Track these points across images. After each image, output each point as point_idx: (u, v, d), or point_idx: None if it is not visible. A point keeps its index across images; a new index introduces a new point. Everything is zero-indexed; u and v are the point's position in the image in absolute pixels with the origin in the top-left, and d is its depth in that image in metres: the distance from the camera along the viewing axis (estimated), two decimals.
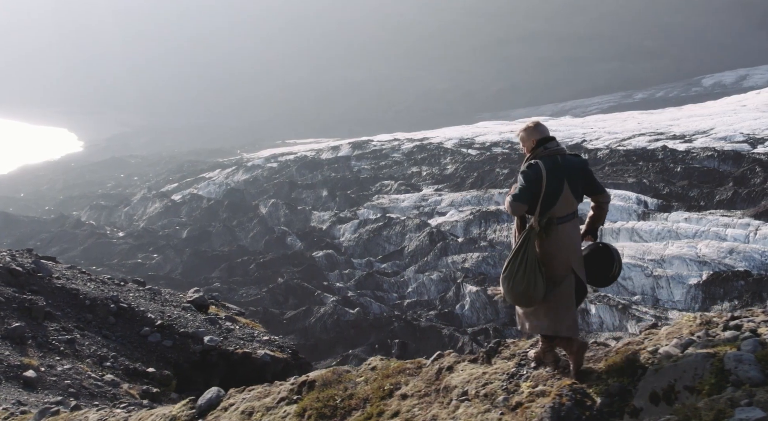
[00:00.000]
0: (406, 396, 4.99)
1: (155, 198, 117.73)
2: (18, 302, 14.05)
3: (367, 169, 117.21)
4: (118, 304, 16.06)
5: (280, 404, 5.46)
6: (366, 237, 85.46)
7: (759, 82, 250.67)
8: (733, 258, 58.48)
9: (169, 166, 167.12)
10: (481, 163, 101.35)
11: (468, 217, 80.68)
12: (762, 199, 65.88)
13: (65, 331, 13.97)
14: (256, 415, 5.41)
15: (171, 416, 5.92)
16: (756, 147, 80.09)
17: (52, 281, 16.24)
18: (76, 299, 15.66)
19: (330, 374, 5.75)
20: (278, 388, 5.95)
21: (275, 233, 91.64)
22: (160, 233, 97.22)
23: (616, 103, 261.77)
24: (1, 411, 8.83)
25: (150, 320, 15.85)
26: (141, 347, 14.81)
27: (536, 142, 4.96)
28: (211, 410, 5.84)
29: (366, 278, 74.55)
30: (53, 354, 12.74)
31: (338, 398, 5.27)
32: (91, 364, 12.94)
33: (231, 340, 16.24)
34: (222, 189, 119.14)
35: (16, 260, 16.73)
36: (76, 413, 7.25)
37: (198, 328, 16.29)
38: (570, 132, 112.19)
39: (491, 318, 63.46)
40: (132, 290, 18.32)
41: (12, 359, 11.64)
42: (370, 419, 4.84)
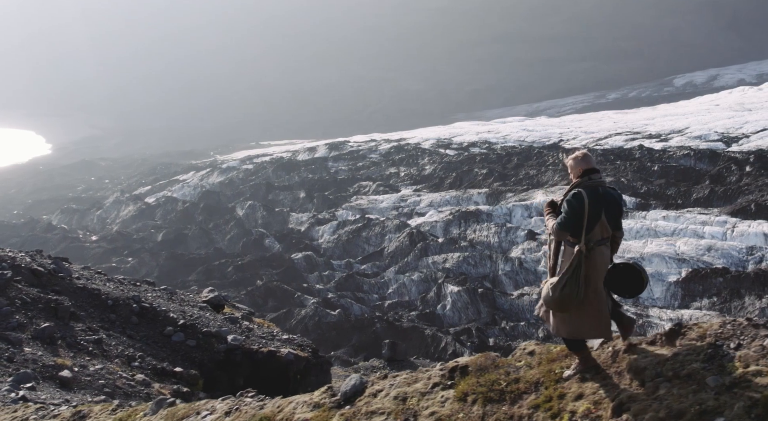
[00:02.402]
0: (585, 379, 5.02)
1: (128, 201, 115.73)
2: (43, 303, 14.17)
3: (345, 170, 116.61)
4: (140, 304, 16.13)
5: (435, 389, 5.55)
6: (345, 238, 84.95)
7: (729, 82, 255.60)
8: (712, 255, 59.06)
9: (141, 168, 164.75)
10: (459, 164, 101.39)
11: (447, 217, 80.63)
12: (738, 197, 66.67)
13: (91, 331, 14.06)
14: (411, 400, 5.47)
15: (313, 403, 5.96)
16: (731, 145, 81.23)
17: (73, 281, 16.32)
18: (98, 299, 15.77)
19: (483, 360, 5.82)
20: (425, 374, 5.99)
21: (253, 235, 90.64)
22: (134, 237, 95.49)
23: (590, 103, 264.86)
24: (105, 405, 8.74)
25: (172, 319, 15.94)
26: (166, 346, 14.88)
27: (583, 172, 5.38)
28: (357, 396, 5.89)
29: (346, 280, 74.06)
30: (83, 354, 12.85)
31: (503, 382, 5.32)
32: (120, 364, 13.06)
33: (253, 339, 16.35)
34: (197, 191, 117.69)
35: (36, 261, 16.78)
36: (198, 403, 7.11)
37: (220, 327, 16.38)
38: (547, 132, 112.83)
39: (473, 318, 63.32)
40: (149, 291, 18.42)
41: (45, 359, 11.78)
42: (550, 402, 4.86)
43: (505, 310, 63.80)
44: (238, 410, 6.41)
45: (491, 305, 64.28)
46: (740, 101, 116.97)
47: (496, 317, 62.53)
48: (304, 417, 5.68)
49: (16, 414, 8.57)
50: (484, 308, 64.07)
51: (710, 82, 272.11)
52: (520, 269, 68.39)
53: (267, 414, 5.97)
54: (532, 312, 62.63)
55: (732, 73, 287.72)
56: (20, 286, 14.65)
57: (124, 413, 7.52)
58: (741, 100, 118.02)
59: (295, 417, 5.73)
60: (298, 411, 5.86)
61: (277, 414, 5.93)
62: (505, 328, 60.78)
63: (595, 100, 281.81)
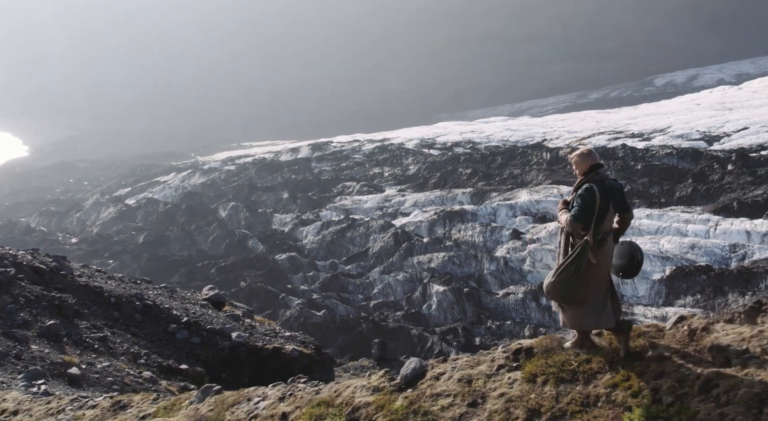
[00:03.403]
0: (663, 357, 5.06)
1: (108, 203, 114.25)
2: (47, 300, 14.17)
3: (328, 170, 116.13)
4: (143, 301, 16.15)
5: (501, 371, 5.60)
6: (329, 239, 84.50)
7: (709, 81, 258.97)
8: (695, 253, 59.42)
9: (120, 170, 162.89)
10: (443, 164, 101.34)
11: (432, 217, 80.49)
12: (720, 195, 67.25)
13: (96, 329, 14.07)
14: (476, 382, 5.51)
15: (372, 387, 5.91)
16: (712, 144, 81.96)
17: (75, 279, 16.33)
18: (101, 297, 15.77)
19: (549, 341, 5.86)
20: (487, 357, 6.03)
21: (236, 236, 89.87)
22: (115, 239, 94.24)
23: (571, 103, 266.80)
24: (146, 394, 8.65)
25: (175, 317, 15.95)
26: (170, 344, 14.88)
27: (590, 168, 5.63)
28: (418, 379, 5.82)
29: (331, 280, 73.65)
30: (89, 352, 12.86)
31: (574, 362, 5.33)
32: (126, 361, 13.05)
33: (256, 336, 16.38)
34: (178, 193, 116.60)
35: (38, 259, 16.76)
36: (247, 390, 7.03)
37: (224, 325, 16.40)
38: (530, 131, 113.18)
39: (459, 317, 63.20)
40: (149, 288, 18.37)
41: (53, 356, 11.79)
42: (629, 380, 4.85)
43: (491, 309, 63.73)
44: (292, 395, 6.39)
45: (477, 305, 64.19)
46: (721, 101, 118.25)
47: (482, 316, 62.43)
48: (365, 400, 5.70)
49: (50, 405, 8.50)
50: (469, 308, 63.97)
51: (690, 82, 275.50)
52: (506, 269, 68.37)
53: (324, 398, 5.97)
54: (518, 311, 62.67)
55: (711, 73, 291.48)
56: (23, 283, 14.64)
57: (168, 401, 7.47)
58: (722, 100, 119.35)
59: (356, 401, 5.73)
60: (357, 395, 5.87)
61: (335, 398, 5.94)
62: (491, 327, 60.70)
63: (577, 100, 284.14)
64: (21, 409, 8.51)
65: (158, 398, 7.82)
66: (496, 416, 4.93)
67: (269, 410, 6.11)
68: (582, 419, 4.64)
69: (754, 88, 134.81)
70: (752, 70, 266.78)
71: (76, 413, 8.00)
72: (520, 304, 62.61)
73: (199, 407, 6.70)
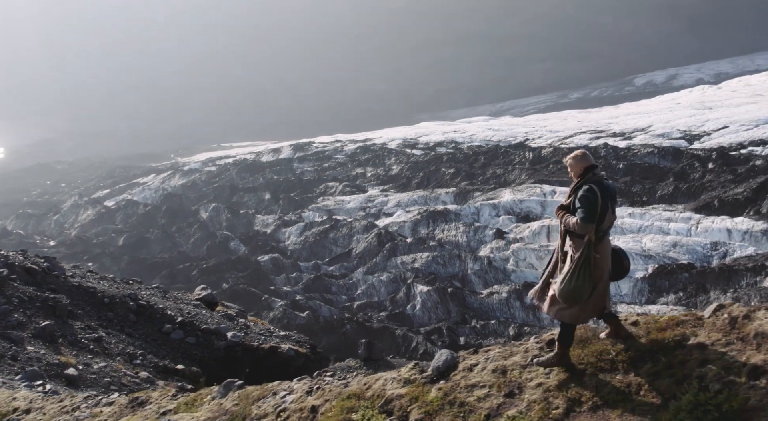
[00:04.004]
0: (705, 345, 4.98)
1: (87, 205, 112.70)
2: (41, 301, 14.12)
3: (311, 171, 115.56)
4: (137, 302, 16.09)
5: (535, 361, 5.53)
6: (312, 240, 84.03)
7: (688, 81, 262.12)
8: (677, 251, 59.83)
9: (99, 171, 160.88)
10: (426, 164, 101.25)
11: (416, 217, 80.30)
12: (701, 194, 67.84)
13: (90, 329, 13.99)
14: (511, 373, 5.49)
15: (403, 379, 5.89)
16: (693, 143, 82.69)
17: (67, 279, 16.23)
18: (95, 297, 15.67)
19: (584, 331, 5.80)
20: (520, 348, 6.02)
21: (217, 237, 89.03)
22: (94, 241, 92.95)
23: (552, 103, 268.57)
24: (164, 390, 8.75)
25: (170, 317, 15.90)
26: (165, 344, 14.84)
27: (585, 169, 5.68)
28: (450, 371, 5.83)
29: (314, 281, 73.27)
30: (85, 352, 12.81)
31: (612, 352, 5.32)
32: (122, 362, 13.00)
33: (251, 336, 16.38)
34: (158, 194, 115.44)
35: (29, 259, 16.66)
36: (272, 384, 7.00)
37: (219, 324, 16.39)
38: (513, 131, 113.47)
39: (443, 317, 63.09)
40: (142, 289, 18.26)
41: (49, 357, 11.76)
42: (671, 369, 4.82)
43: (475, 309, 63.71)
44: (320, 389, 6.33)
45: (461, 304, 64.16)
46: (700, 100, 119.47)
47: (466, 315, 62.40)
48: (398, 392, 5.64)
49: (63, 404, 8.42)
50: (454, 307, 63.91)
51: (669, 82, 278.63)
52: (489, 268, 68.40)
53: (355, 391, 5.95)
54: (502, 310, 62.66)
55: (690, 73, 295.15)
56: (16, 284, 14.55)
57: (188, 397, 7.40)
58: (701, 99, 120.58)
59: (387, 393, 5.68)
60: (388, 387, 5.83)
61: (365, 391, 5.91)
62: (475, 327, 60.67)
63: (558, 99, 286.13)
64: (33, 407, 8.44)
65: (177, 395, 7.77)
66: (536, 406, 4.87)
67: (297, 403, 6.07)
68: (625, 407, 4.58)
69: (732, 87, 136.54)
70: (730, 70, 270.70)
71: (93, 411, 7.90)
72: (504, 303, 62.66)
73: (222, 402, 6.67)
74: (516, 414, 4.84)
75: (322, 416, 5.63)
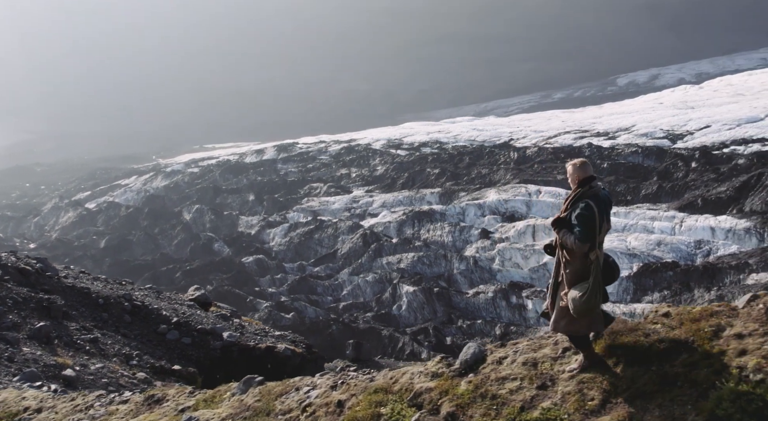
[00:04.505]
0: (743, 335, 4.91)
1: (68, 207, 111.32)
2: (35, 302, 14.02)
3: (295, 172, 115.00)
4: (132, 302, 16.03)
5: (567, 354, 5.58)
6: (297, 241, 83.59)
7: (670, 81, 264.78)
8: (661, 250, 60.17)
9: (79, 173, 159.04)
10: (411, 164, 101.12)
11: (401, 217, 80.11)
12: (685, 192, 68.33)
13: (86, 330, 13.91)
14: (542, 365, 5.48)
15: (430, 373, 5.85)
16: (676, 142, 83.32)
17: (61, 280, 16.14)
18: (89, 298, 15.59)
19: (614, 324, 5.71)
20: (549, 340, 5.96)
21: (201, 239, 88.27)
22: (75, 243, 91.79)
23: (536, 103, 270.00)
24: (180, 388, 8.65)
25: (165, 317, 15.87)
26: (161, 344, 14.79)
27: (582, 179, 5.65)
28: (479, 364, 5.82)
29: (299, 283, 72.91)
30: (81, 354, 12.73)
31: (645, 343, 5.28)
32: (118, 363, 12.95)
33: (247, 336, 16.31)
34: (140, 196, 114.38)
35: (22, 260, 16.54)
36: (294, 379, 6.95)
37: (214, 325, 16.33)
38: (497, 131, 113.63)
39: (429, 317, 62.96)
40: (135, 289, 18.21)
41: (46, 358, 11.71)
42: (709, 359, 4.76)
43: (461, 308, 63.63)
44: (345, 383, 6.28)
45: (447, 304, 64.05)
46: (683, 99, 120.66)
47: (453, 315, 62.29)
48: (426, 386, 5.60)
49: (76, 402, 8.34)
50: (440, 308, 63.79)
51: (652, 82, 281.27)
52: (475, 268, 68.36)
53: (381, 385, 5.90)
54: (488, 310, 62.58)
55: (672, 73, 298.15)
56: (9, 285, 14.45)
57: (206, 394, 7.38)
58: (683, 99, 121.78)
59: (416, 387, 5.63)
60: (416, 381, 5.78)
61: (392, 385, 5.86)
62: (462, 326, 60.58)
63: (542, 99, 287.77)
64: (45, 406, 8.36)
65: (194, 392, 7.72)
66: (571, 398, 4.80)
67: (323, 398, 6.00)
68: (663, 398, 4.52)
69: (714, 87, 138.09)
70: (711, 70, 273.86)
71: (109, 408, 7.81)
72: (491, 303, 62.61)
73: (242, 399, 6.60)
74: (551, 406, 4.78)
75: (350, 411, 5.57)
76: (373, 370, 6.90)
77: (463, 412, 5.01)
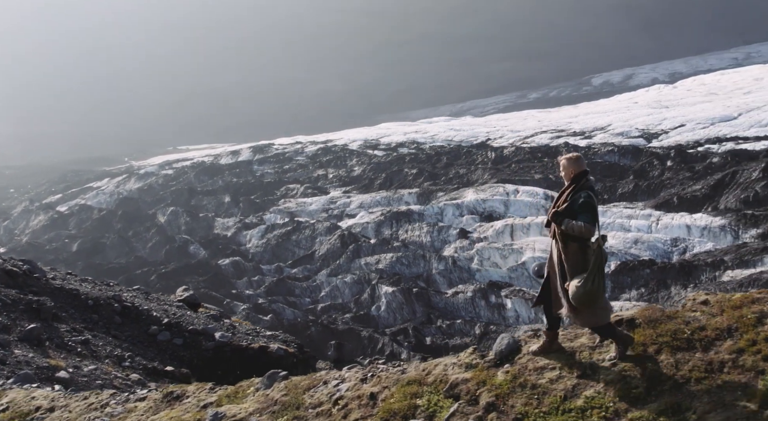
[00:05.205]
0: None
1: (38, 210, 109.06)
2: (24, 304, 13.92)
3: (271, 173, 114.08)
4: (122, 303, 15.97)
5: (605, 343, 5.56)
6: (274, 242, 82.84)
7: (644, 80, 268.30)
8: (638, 248, 60.64)
9: (50, 176, 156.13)
10: (388, 164, 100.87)
11: (379, 218, 79.80)
12: (661, 191, 69.02)
13: (76, 332, 13.82)
14: (580, 354, 5.48)
15: (464, 364, 5.84)
16: (651, 141, 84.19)
17: (49, 281, 16.02)
18: (78, 300, 15.45)
19: (651, 312, 5.81)
20: (584, 330, 5.93)
21: (176, 241, 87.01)
22: (47, 247, 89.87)
23: (512, 103, 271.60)
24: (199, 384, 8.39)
25: (156, 318, 15.81)
26: (152, 346, 14.75)
27: (577, 173, 5.89)
28: (514, 355, 5.85)
29: (277, 284, 72.24)
30: (73, 355, 12.64)
31: (686, 331, 5.28)
32: (111, 364, 12.87)
33: (239, 336, 16.26)
34: (113, 198, 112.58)
35: (8, 261, 16.39)
36: (320, 373, 6.91)
37: (206, 325, 16.30)
38: (474, 131, 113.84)
39: (408, 318, 62.74)
40: (123, 291, 18.09)
41: (38, 360, 11.61)
42: (755, 345, 4.76)
43: (441, 308, 63.51)
44: (375, 376, 6.19)
45: (426, 305, 63.88)
46: (657, 99, 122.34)
47: (432, 316, 62.14)
48: (462, 377, 5.56)
49: (89, 401, 8.24)
50: (419, 308, 63.61)
51: (626, 81, 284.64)
52: (454, 268, 68.29)
53: (414, 377, 5.84)
54: (467, 310, 62.48)
55: (646, 73, 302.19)
56: None
57: (227, 390, 7.30)
58: (658, 98, 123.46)
59: (451, 378, 5.59)
60: (450, 372, 5.75)
61: (425, 377, 5.81)
62: (441, 326, 60.43)
63: (517, 99, 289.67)
64: (57, 405, 8.23)
65: (215, 388, 7.61)
66: (614, 386, 4.73)
67: (353, 391, 5.92)
68: (711, 384, 4.47)
69: (687, 86, 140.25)
70: (684, 70, 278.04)
71: (127, 406, 7.70)
72: (470, 302, 62.57)
73: (268, 393, 6.53)
74: (594, 394, 4.72)
75: (384, 403, 5.48)
76: (404, 362, 6.82)
77: (504, 402, 4.95)
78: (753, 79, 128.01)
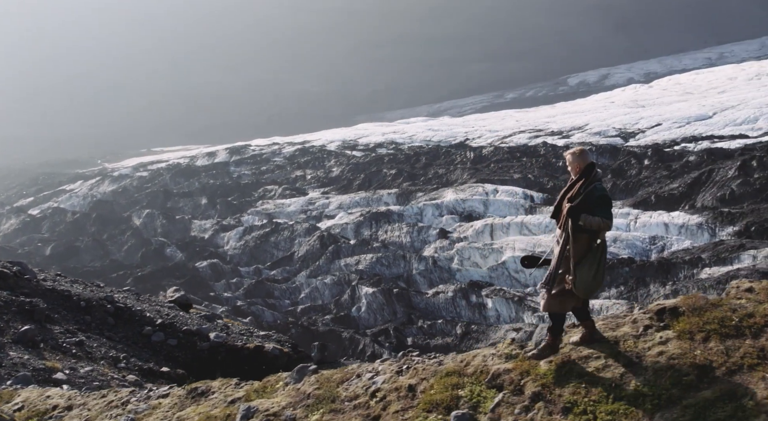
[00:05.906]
0: None
1: (10, 214, 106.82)
2: (17, 305, 13.82)
3: (248, 174, 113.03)
4: (115, 304, 15.90)
5: (649, 332, 5.54)
6: (252, 244, 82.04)
7: (620, 80, 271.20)
8: (617, 246, 60.89)
9: (20, 179, 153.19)
10: (367, 165, 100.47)
11: (358, 219, 79.43)
12: (639, 189, 69.53)
13: (70, 333, 13.76)
14: (624, 343, 5.43)
15: (504, 354, 5.84)
16: (628, 140, 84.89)
17: (40, 283, 15.97)
18: (70, 301, 15.38)
19: (695, 300, 5.74)
20: (626, 319, 5.97)
21: (152, 244, 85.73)
22: (19, 251, 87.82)
23: (489, 103, 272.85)
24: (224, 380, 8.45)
25: (149, 319, 15.77)
26: (147, 346, 14.70)
27: (586, 167, 5.98)
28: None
29: (255, 286, 71.56)
30: (69, 357, 12.58)
31: (734, 318, 5.24)
32: (107, 365, 12.80)
33: (233, 336, 16.24)
34: (87, 201, 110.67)
35: None
36: (352, 366, 6.78)
37: (200, 326, 16.26)
38: (452, 131, 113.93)
39: (389, 318, 62.46)
40: (115, 292, 17.97)
41: (34, 362, 11.57)
42: None
43: (421, 309, 63.33)
44: (411, 368, 6.13)
45: (407, 305, 63.67)
46: (633, 98, 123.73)
47: (413, 316, 61.93)
48: (504, 367, 5.50)
49: (108, 398, 8.16)
50: (400, 308, 63.37)
51: (602, 81, 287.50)
52: (434, 268, 68.14)
53: (453, 369, 5.80)
54: (448, 309, 62.32)
55: (621, 73, 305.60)
56: None
57: (256, 385, 7.20)
58: (634, 98, 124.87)
59: (492, 369, 5.57)
60: (490, 363, 5.74)
61: (464, 368, 5.79)
62: (422, 327, 60.20)
63: (495, 99, 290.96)
64: (74, 404, 8.14)
65: (240, 383, 7.59)
66: (664, 374, 4.68)
67: (390, 383, 5.83)
68: (765, 371, 4.39)
69: (663, 86, 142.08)
70: (659, 70, 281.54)
71: (151, 403, 7.58)
72: (450, 302, 62.45)
73: (299, 387, 6.44)
74: (644, 382, 4.67)
75: (423, 395, 5.41)
76: (440, 354, 6.81)
77: (550, 391, 4.89)
78: (727, 78, 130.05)
